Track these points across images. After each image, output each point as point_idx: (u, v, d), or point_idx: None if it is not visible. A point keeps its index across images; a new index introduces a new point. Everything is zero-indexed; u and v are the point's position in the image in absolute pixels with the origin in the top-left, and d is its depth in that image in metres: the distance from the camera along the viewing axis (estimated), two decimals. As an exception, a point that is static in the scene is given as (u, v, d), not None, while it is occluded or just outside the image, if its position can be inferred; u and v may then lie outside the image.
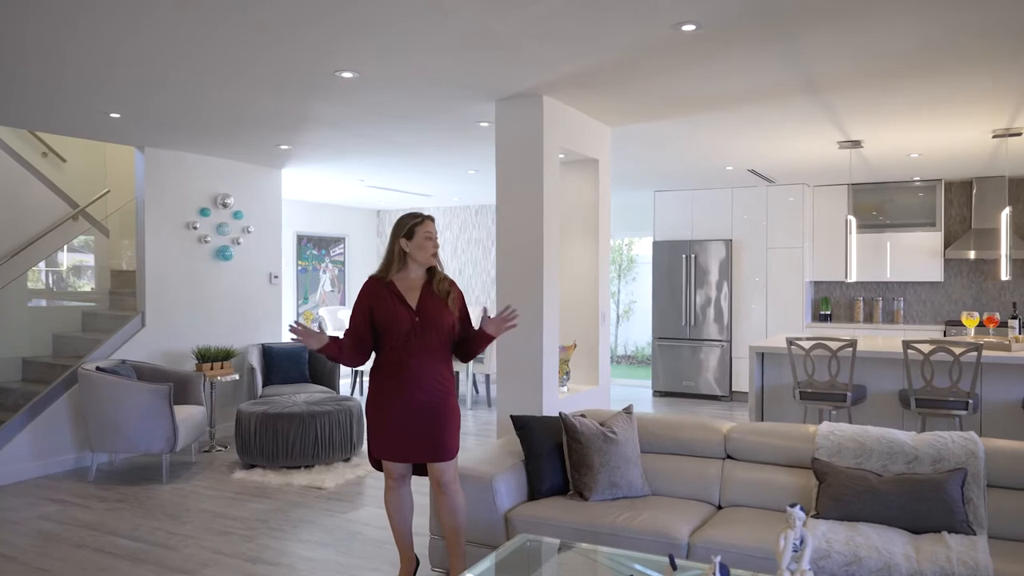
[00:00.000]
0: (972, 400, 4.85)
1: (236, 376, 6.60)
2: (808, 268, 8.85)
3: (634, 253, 13.57)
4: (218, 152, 6.80)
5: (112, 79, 4.39)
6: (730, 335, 8.99)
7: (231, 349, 6.66)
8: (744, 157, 7.04)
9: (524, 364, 4.82)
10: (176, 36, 3.64)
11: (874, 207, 8.70)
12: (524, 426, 3.76)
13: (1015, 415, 5.22)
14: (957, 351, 4.83)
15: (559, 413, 3.75)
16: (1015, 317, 6.75)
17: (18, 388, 6.20)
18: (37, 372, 6.44)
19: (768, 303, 8.89)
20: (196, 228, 6.87)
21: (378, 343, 3.36)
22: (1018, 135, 5.83)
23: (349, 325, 3.37)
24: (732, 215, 9.07)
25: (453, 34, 3.59)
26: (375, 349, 3.39)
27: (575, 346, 5.43)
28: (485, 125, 5.51)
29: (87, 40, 3.69)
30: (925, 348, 4.99)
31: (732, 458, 3.75)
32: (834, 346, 5.21)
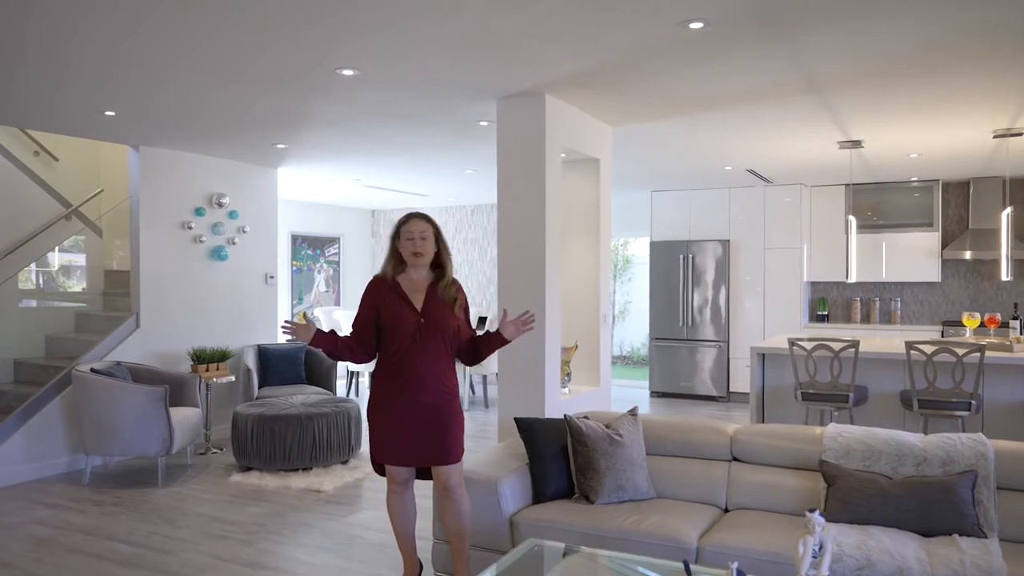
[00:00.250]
0: (975, 401, 4.84)
1: (232, 377, 6.53)
2: (805, 268, 8.83)
3: (630, 253, 13.53)
4: (214, 151, 6.73)
5: (112, 79, 4.33)
6: (727, 336, 8.97)
7: (227, 350, 6.58)
8: (744, 157, 7.02)
9: (526, 365, 4.79)
10: (176, 36, 3.60)
11: (871, 207, 8.69)
12: (528, 428, 3.72)
13: (1016, 416, 5.21)
14: (960, 352, 4.83)
15: (564, 415, 3.71)
16: (1016, 318, 6.75)
17: (10, 390, 6.12)
18: (30, 374, 6.35)
19: (765, 304, 8.87)
20: (191, 228, 6.80)
21: (381, 344, 3.32)
22: (1019, 135, 5.83)
23: (353, 325, 3.32)
24: (730, 215, 9.05)
25: (453, 34, 3.56)
26: (378, 350, 3.35)
27: (576, 347, 5.39)
28: (485, 124, 5.46)
29: (87, 40, 3.65)
30: (928, 349, 4.98)
31: (738, 460, 3.71)
32: (836, 347, 5.19)
